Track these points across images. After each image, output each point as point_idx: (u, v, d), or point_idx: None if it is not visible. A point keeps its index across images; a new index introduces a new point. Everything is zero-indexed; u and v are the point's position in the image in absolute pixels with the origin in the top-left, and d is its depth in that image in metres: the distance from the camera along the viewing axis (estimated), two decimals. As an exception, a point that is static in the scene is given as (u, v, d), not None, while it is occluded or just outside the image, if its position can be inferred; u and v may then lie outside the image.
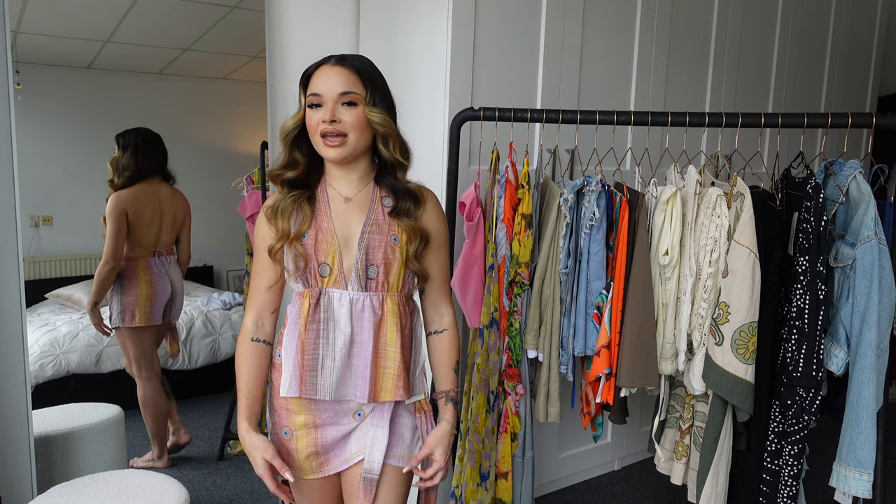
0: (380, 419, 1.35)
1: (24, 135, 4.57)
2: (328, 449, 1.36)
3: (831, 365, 1.62)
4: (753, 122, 1.71)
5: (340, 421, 1.35)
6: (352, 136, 1.27)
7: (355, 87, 1.26)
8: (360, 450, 1.36)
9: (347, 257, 1.30)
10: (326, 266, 1.30)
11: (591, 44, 2.50)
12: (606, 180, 1.89)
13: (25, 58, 4.55)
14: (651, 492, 2.73)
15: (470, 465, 1.97)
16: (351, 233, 1.31)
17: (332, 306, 1.30)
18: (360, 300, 1.30)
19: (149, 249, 2.83)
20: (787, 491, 1.66)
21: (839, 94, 3.68)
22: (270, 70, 2.38)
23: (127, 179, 2.79)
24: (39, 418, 2.26)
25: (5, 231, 1.84)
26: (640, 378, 1.77)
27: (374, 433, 1.35)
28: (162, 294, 2.85)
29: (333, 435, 1.36)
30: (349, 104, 1.26)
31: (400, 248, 1.31)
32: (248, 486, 2.76)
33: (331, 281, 1.30)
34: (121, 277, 2.78)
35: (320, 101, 1.26)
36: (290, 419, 1.36)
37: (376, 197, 1.35)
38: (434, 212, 1.38)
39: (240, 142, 5.52)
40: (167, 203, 2.90)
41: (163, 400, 2.90)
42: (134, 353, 2.83)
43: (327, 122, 1.25)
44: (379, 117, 1.27)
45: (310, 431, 1.35)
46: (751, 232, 1.62)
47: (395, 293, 1.33)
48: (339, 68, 1.27)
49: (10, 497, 1.89)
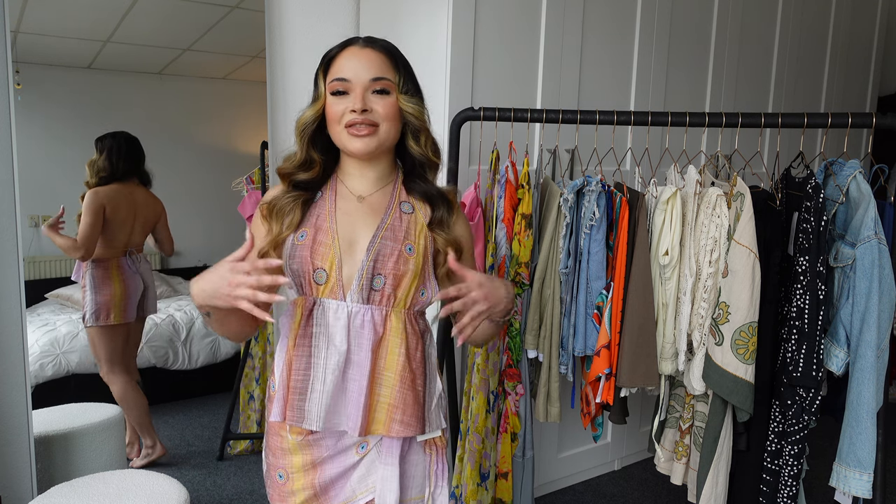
0: (388, 455, 1.16)
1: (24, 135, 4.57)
2: (327, 489, 1.17)
3: (831, 365, 1.62)
4: (753, 122, 1.71)
5: (341, 455, 1.17)
6: (383, 128, 1.11)
7: (388, 72, 1.11)
8: (365, 491, 1.17)
9: (349, 263, 1.13)
10: (323, 272, 1.12)
11: (591, 43, 2.50)
12: (606, 180, 1.89)
13: (25, 58, 4.55)
14: (651, 492, 2.72)
15: (470, 465, 1.97)
16: (357, 236, 1.14)
17: (326, 319, 1.12)
18: (359, 314, 1.12)
19: (120, 249, 2.91)
20: (787, 491, 1.66)
21: (839, 94, 3.68)
22: (270, 70, 2.38)
23: (101, 180, 2.87)
24: (39, 418, 2.26)
25: (5, 231, 1.84)
26: (640, 378, 1.77)
27: (384, 472, 1.16)
28: (135, 292, 2.93)
29: (333, 472, 1.17)
30: (381, 92, 1.10)
31: (415, 259, 1.14)
32: (248, 486, 2.76)
33: (327, 290, 1.12)
34: (94, 277, 2.85)
35: (347, 88, 1.10)
36: (285, 459, 1.17)
37: (394, 200, 1.18)
38: (463, 219, 1.24)
39: (240, 142, 5.51)
40: (141, 205, 2.98)
41: (140, 394, 2.94)
42: (106, 352, 2.89)
43: (357, 111, 1.08)
44: (413, 108, 1.12)
45: (307, 472, 1.17)
46: (751, 232, 1.62)
47: (401, 309, 1.15)
48: (370, 50, 1.11)
49: (10, 497, 1.89)
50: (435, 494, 1.21)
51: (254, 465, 2.95)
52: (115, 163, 2.89)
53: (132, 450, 3.02)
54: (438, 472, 1.21)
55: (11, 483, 1.90)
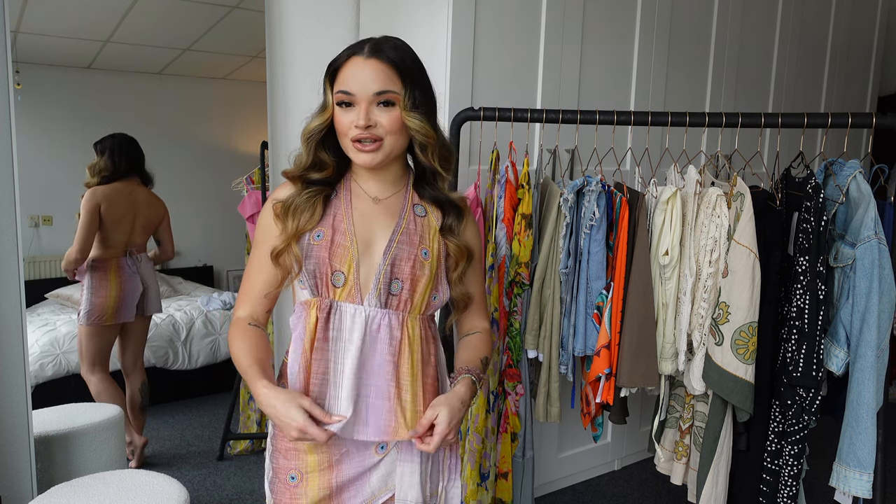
0: (409, 454, 1.16)
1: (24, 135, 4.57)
2: (343, 489, 1.15)
3: (831, 365, 1.62)
4: (753, 122, 1.71)
5: (359, 454, 1.15)
6: (388, 141, 1.11)
7: (393, 84, 1.09)
8: (384, 489, 1.17)
9: (366, 266, 1.12)
10: (341, 275, 1.11)
11: (591, 44, 2.50)
12: (606, 180, 1.89)
13: (25, 58, 4.55)
14: (651, 492, 2.73)
15: (470, 465, 1.97)
16: (374, 238, 1.14)
17: (343, 324, 1.11)
18: (376, 318, 1.11)
19: (120, 250, 2.91)
20: (787, 491, 1.66)
21: (839, 94, 3.68)
22: (270, 70, 2.38)
23: (102, 179, 2.89)
24: (39, 418, 2.26)
25: (5, 231, 1.84)
26: (640, 378, 1.77)
27: (405, 470, 1.16)
28: (132, 293, 2.92)
29: (351, 472, 1.15)
30: (385, 104, 1.09)
31: (430, 264, 1.15)
32: (248, 486, 2.76)
33: (344, 293, 1.11)
34: (91, 278, 2.85)
35: (352, 101, 1.09)
36: (298, 460, 1.14)
37: (408, 203, 1.18)
38: (473, 224, 1.24)
39: (240, 142, 5.51)
40: (141, 205, 2.97)
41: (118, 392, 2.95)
42: (90, 351, 2.90)
43: (361, 127, 1.08)
44: (417, 123, 1.10)
45: (323, 473, 1.14)
46: (751, 232, 1.62)
47: (417, 314, 1.15)
48: (374, 62, 1.09)
49: (10, 497, 1.89)
50: (448, 488, 1.22)
51: (254, 465, 2.95)
52: (118, 161, 2.90)
53: (131, 450, 3.02)
54: (451, 466, 1.23)
55: (11, 483, 1.90)
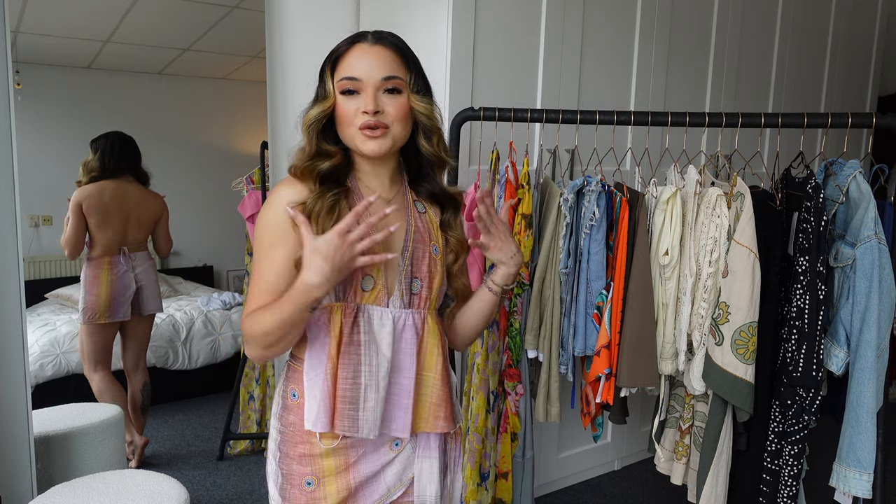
0: (426, 449, 1.16)
1: (24, 135, 4.58)
2: (360, 488, 1.15)
3: (831, 365, 1.62)
4: (753, 122, 1.71)
5: (374, 453, 1.15)
6: (394, 129, 1.08)
7: (399, 70, 1.08)
8: (399, 485, 1.17)
9: (391, 269, 1.11)
10: (370, 279, 1.09)
11: (591, 44, 2.50)
12: (606, 180, 1.89)
13: (25, 58, 4.55)
14: (651, 492, 2.73)
15: (470, 465, 1.97)
16: (393, 240, 1.11)
17: (372, 327, 1.09)
18: (401, 319, 1.11)
19: (113, 248, 2.89)
20: (787, 491, 1.66)
21: (839, 94, 3.68)
22: (270, 70, 2.38)
23: (92, 178, 2.88)
24: (39, 418, 2.26)
25: (5, 231, 1.84)
26: (640, 378, 1.77)
27: (424, 465, 1.16)
28: (123, 291, 2.90)
29: (367, 471, 1.14)
30: (392, 91, 1.07)
31: (441, 260, 1.16)
32: (248, 486, 2.76)
33: (372, 296, 1.09)
34: (86, 276, 2.86)
35: (358, 87, 1.06)
36: (314, 465, 1.12)
37: (409, 200, 1.18)
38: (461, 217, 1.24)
39: (240, 142, 5.52)
40: (135, 203, 2.95)
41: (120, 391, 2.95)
42: (91, 350, 2.90)
43: (370, 112, 1.05)
44: (425, 108, 1.10)
45: (340, 475, 1.13)
46: (751, 232, 1.62)
47: (432, 310, 1.16)
48: (380, 48, 1.08)
49: (10, 497, 1.89)
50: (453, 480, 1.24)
51: (254, 465, 2.95)
52: (107, 162, 2.89)
53: (132, 450, 3.01)
54: (457, 458, 1.24)
55: (11, 483, 1.90)
